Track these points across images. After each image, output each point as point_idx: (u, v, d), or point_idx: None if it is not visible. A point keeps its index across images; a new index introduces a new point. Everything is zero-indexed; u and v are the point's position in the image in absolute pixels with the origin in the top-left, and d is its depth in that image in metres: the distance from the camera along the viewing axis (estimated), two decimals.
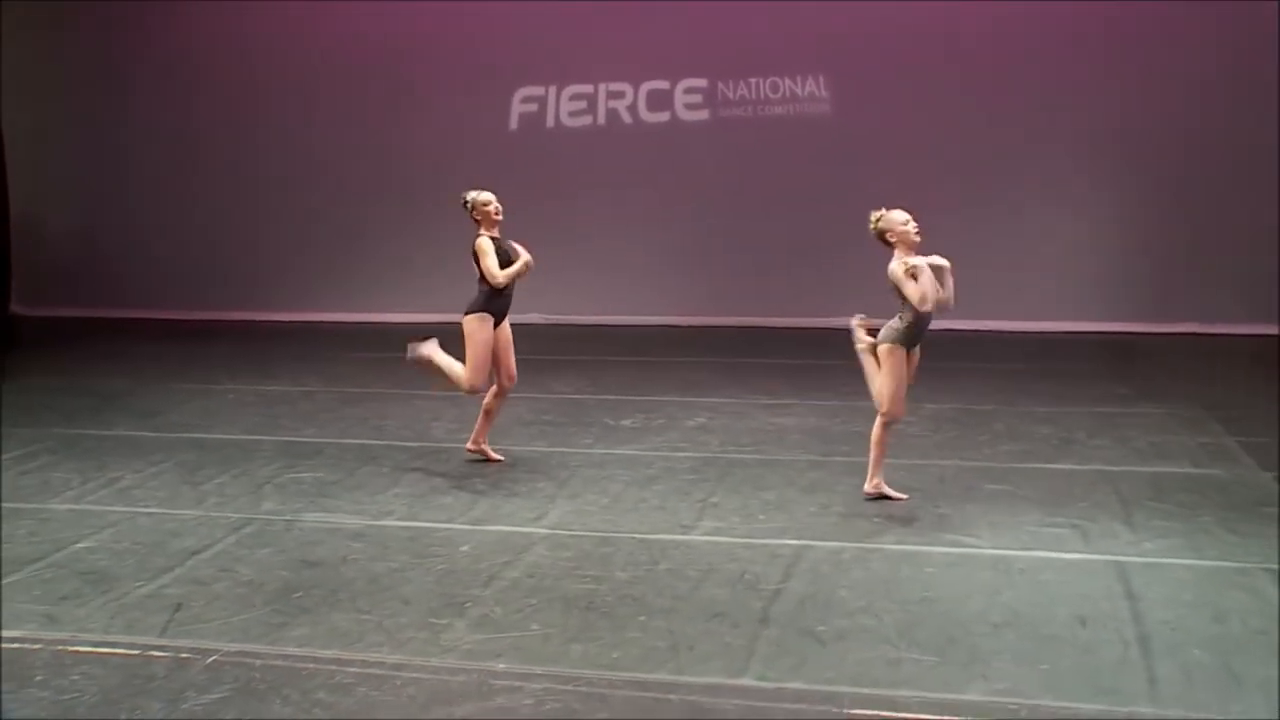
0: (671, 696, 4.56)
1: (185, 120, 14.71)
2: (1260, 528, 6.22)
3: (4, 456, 8.29)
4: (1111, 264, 12.57)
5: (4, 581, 5.93)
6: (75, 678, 4.85)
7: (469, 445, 7.98)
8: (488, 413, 7.89)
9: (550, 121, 14.08)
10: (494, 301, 7.63)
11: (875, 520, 6.54)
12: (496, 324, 7.66)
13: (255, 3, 14.49)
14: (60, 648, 5.17)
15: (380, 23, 14.05)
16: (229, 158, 14.68)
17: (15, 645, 5.19)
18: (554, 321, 13.17)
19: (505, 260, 7.64)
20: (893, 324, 6.57)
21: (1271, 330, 11.90)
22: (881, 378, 6.56)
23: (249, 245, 14.70)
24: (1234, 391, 9.63)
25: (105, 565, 6.20)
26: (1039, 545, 6.06)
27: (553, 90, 13.97)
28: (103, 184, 14.88)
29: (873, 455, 6.77)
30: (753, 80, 13.53)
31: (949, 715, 4.31)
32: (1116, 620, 5.09)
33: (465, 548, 6.32)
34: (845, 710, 4.37)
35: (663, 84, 13.84)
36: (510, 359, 7.81)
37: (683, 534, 6.43)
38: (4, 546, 6.43)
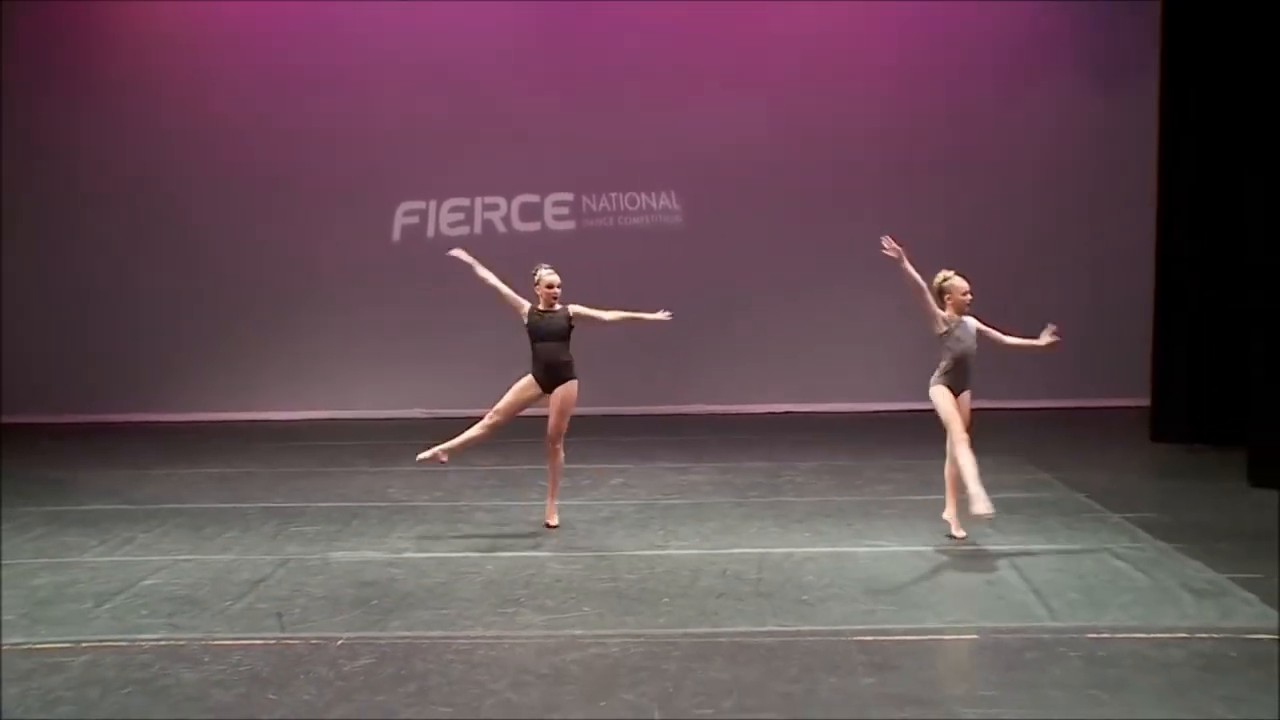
0: (720, 639, 6.40)
1: (97, 234, 15.35)
2: (1087, 526, 8.62)
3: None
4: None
5: (103, 606, 7.27)
6: (234, 660, 6.27)
7: (437, 451, 9.23)
8: (473, 438, 9.28)
9: (431, 231, 15.44)
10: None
11: (810, 534, 8.58)
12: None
13: (164, 124, 15.27)
14: (204, 643, 6.56)
15: (271, 138, 15.15)
16: (129, 267, 15.43)
17: (166, 642, 6.58)
18: (435, 415, 14.25)
19: (532, 331, 9.40)
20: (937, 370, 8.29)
21: (1080, 404, 14.07)
22: (942, 416, 8.20)
23: (151, 350, 15.35)
24: (1046, 444, 12.01)
25: (184, 594, 7.53)
26: (936, 544, 8.18)
27: (433, 203, 15.35)
28: (23, 298, 15.33)
29: (959, 480, 8.09)
30: (613, 194, 15.27)
31: (924, 635, 6.33)
32: (1013, 581, 7.27)
33: (489, 567, 7.94)
34: (850, 638, 6.30)
35: (533, 197, 15.40)
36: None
37: (661, 549, 8.27)
38: (71, 587, 7.69)
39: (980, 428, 8.53)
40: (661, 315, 9.15)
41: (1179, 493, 9.98)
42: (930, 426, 11.25)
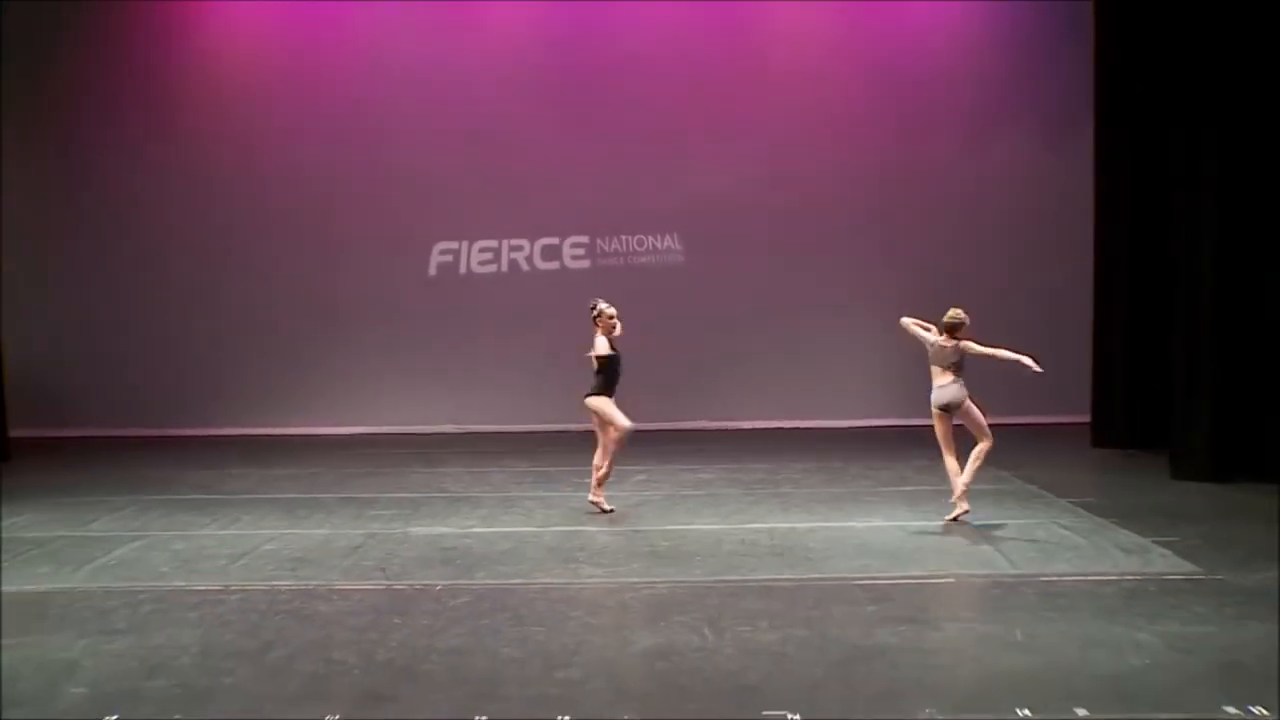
0: (748, 583, 7.66)
1: (151, 267, 15.92)
2: (1039, 507, 9.97)
3: (104, 516, 10.39)
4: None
5: (236, 563, 8.43)
6: (357, 599, 7.49)
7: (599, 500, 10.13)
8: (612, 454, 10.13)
9: (463, 269, 16.25)
10: (609, 386, 10.17)
11: (809, 514, 9.83)
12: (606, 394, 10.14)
13: (212, 172, 15.88)
14: (328, 587, 7.76)
15: (324, 186, 15.78)
16: (196, 299, 15.97)
17: (298, 586, 7.78)
18: (464, 429, 15.41)
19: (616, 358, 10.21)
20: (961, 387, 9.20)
21: (1033, 419, 14.46)
22: (983, 423, 9.23)
23: (213, 373, 15.90)
24: (1004, 450, 13.14)
25: (298, 555, 8.71)
26: (916, 519, 9.47)
27: (465, 244, 16.07)
28: (79, 322, 15.85)
29: (973, 469, 9.23)
30: (623, 236, 16.06)
31: (911, 579, 7.63)
32: (981, 544, 8.58)
33: (546, 538, 9.14)
34: (852, 581, 7.58)
35: (553, 239, 16.14)
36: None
37: (687, 525, 9.48)
38: (204, 550, 8.86)
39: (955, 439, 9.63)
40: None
41: (1113, 484, 11.17)
42: (901, 435, 12.54)
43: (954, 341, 9.15)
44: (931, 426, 9.44)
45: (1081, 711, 5.28)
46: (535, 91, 15.90)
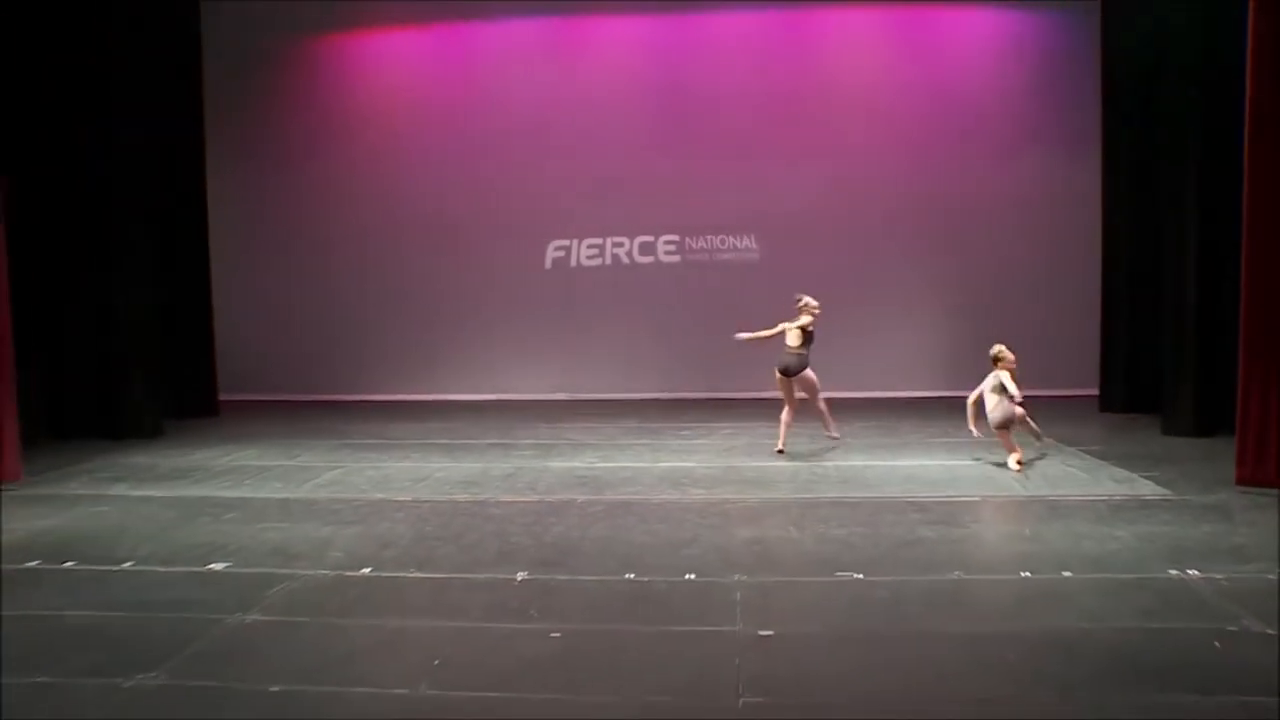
0: (820, 501, 9.12)
1: (323, 261, 16.96)
2: (1051, 453, 10.87)
3: (305, 453, 11.93)
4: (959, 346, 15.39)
5: (419, 484, 10.00)
6: (518, 508, 8.97)
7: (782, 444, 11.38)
8: (787, 424, 11.48)
9: (573, 262, 16.85)
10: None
11: (866, 457, 11.08)
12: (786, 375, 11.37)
13: (358, 176, 16.87)
14: (495, 500, 9.29)
15: (456, 191, 16.69)
16: (357, 288, 16.99)
17: (471, 499, 9.30)
18: (573, 397, 16.43)
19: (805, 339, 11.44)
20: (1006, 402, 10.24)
21: (1050, 392, 14.66)
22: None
23: (362, 346, 16.92)
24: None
25: (464, 480, 10.20)
26: (951, 462, 10.76)
27: (575, 241, 16.86)
28: (268, 306, 16.95)
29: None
30: (709, 236, 16.76)
31: (948, 498, 9.03)
32: (1002, 476, 9.81)
33: (656, 472, 10.52)
34: (902, 499, 9.02)
35: (649, 238, 16.72)
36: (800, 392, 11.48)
37: (767, 464, 10.87)
38: (390, 476, 10.44)
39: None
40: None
41: (1114, 437, 12.14)
42: (946, 403, 13.60)
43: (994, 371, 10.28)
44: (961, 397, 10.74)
45: (1067, 574, 6.76)
46: (634, 112, 16.73)
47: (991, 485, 9.62)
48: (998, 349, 10.38)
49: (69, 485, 10.24)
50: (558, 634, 5.94)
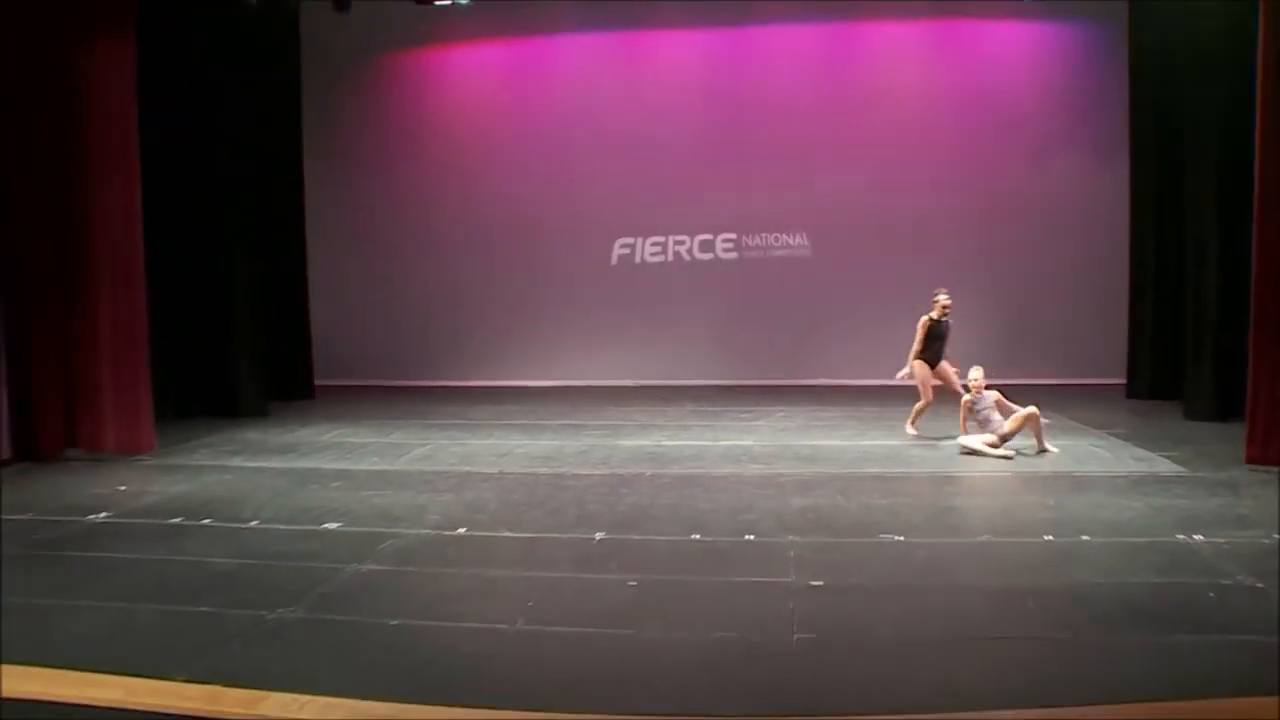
0: (869, 474, 9.64)
1: (408, 259, 17.56)
2: (1079, 435, 11.25)
3: (396, 431, 12.59)
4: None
5: (500, 458, 10.62)
6: (593, 480, 9.53)
7: (910, 422, 11.59)
8: (920, 410, 11.51)
9: (638, 259, 17.34)
10: (927, 353, 11.41)
11: (918, 441, 11.60)
12: (933, 365, 11.43)
13: (447, 178, 17.48)
14: (571, 473, 9.84)
15: (532, 194, 17.17)
16: (439, 283, 17.55)
17: (550, 471, 9.86)
18: (640, 384, 16.80)
19: (935, 332, 11.35)
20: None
21: (1080, 381, 15.41)
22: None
23: (447, 336, 17.47)
24: (1057, 399, 14.71)
25: (543, 455, 10.77)
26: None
27: (639, 239, 17.37)
28: (357, 299, 17.62)
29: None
30: (764, 234, 16.95)
31: (982, 473, 9.53)
32: (1034, 457, 10.29)
33: (718, 449, 11.06)
34: (942, 473, 9.53)
35: (708, 235, 17.17)
36: (940, 381, 11.50)
37: (820, 442, 11.33)
38: (474, 451, 11.10)
39: (1021, 395, 11.27)
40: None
41: (1138, 421, 12.44)
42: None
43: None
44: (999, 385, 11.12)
45: (1085, 537, 7.26)
46: (694, 119, 17.14)
47: (1022, 463, 10.06)
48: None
49: (195, 456, 11.01)
50: (634, 583, 6.53)
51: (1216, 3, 11.78)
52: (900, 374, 11.70)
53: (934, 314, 11.43)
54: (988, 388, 10.71)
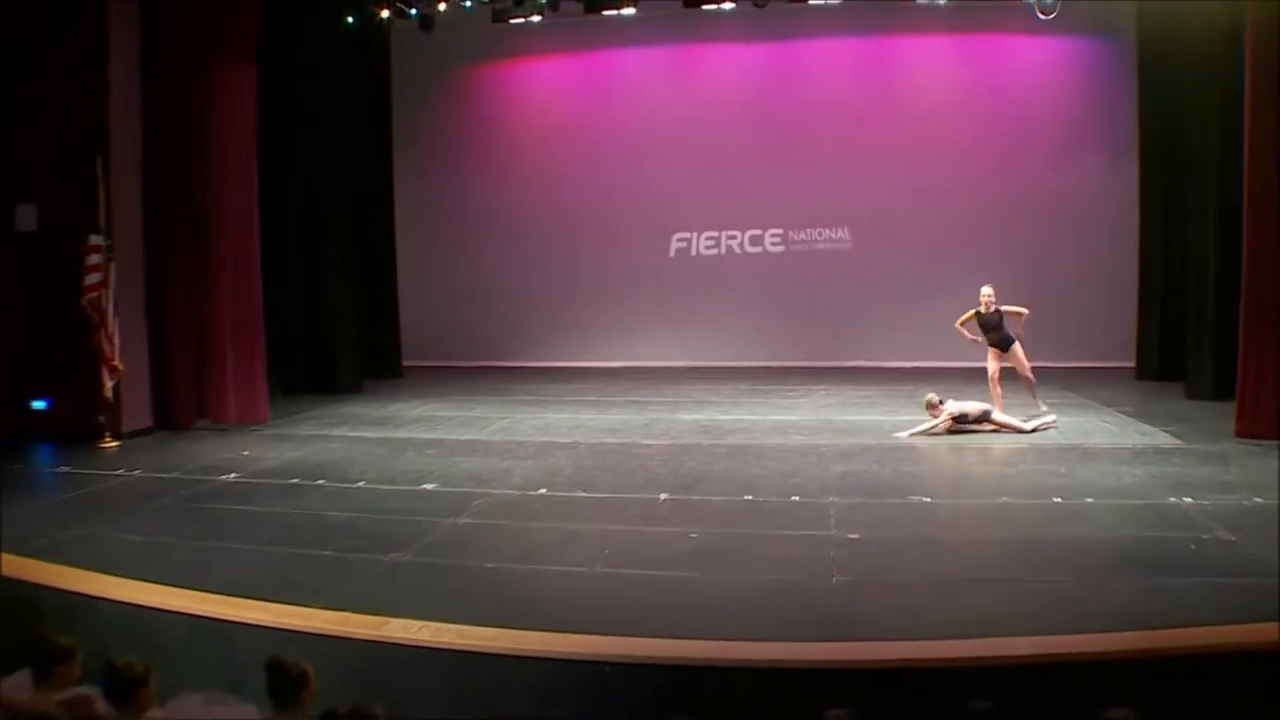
0: (902, 444, 10.11)
1: (488, 252, 17.85)
2: (1090, 411, 11.52)
3: (478, 407, 13.14)
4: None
5: (573, 430, 11.19)
6: (656, 450, 10.07)
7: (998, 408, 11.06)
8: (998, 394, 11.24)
9: (693, 252, 17.55)
10: (989, 337, 11.36)
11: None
12: (1004, 350, 11.31)
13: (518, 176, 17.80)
14: (638, 441, 10.38)
15: (597, 193, 17.52)
16: (514, 274, 17.88)
17: (619, 442, 10.39)
18: (693, 365, 17.05)
19: (984, 324, 11.33)
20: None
21: (1093, 363, 15.35)
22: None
23: (526, 320, 17.80)
24: (1072, 380, 14.86)
25: (611, 428, 11.27)
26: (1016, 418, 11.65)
27: (694, 233, 17.63)
28: (443, 287, 17.94)
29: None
30: (808, 229, 17.31)
31: (1000, 445, 9.96)
32: (1048, 430, 10.67)
33: (766, 423, 11.48)
34: (967, 445, 9.96)
35: (758, 231, 17.33)
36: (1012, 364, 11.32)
37: (857, 418, 11.78)
38: (551, 423, 11.66)
39: (1039, 376, 11.54)
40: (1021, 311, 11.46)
41: (1144, 400, 12.63)
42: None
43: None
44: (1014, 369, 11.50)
45: (1089, 499, 7.72)
46: (745, 125, 17.35)
47: (1037, 435, 10.46)
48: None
49: (302, 427, 11.71)
50: (695, 534, 7.10)
51: (1217, 18, 12.04)
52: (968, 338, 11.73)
53: (980, 308, 11.58)
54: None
